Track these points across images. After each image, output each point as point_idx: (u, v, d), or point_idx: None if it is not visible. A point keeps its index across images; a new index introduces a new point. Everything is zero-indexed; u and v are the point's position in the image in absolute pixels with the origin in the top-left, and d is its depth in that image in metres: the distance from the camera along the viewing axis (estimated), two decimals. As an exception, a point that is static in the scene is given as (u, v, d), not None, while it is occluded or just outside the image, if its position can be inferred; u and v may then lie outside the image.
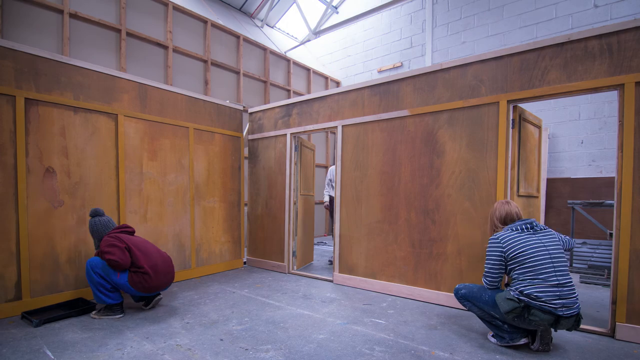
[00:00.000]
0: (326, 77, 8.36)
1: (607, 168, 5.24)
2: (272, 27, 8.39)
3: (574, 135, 5.50)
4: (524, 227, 2.22)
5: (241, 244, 4.71)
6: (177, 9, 5.42)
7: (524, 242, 2.14)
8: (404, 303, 3.17)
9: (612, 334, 2.42)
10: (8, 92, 2.75)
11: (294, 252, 4.39)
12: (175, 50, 5.37)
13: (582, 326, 2.55)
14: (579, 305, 2.06)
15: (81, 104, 3.14)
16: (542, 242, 2.14)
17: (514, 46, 2.83)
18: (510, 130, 2.85)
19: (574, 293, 2.06)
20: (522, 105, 5.69)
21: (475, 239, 2.96)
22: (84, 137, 3.18)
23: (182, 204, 3.96)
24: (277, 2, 7.92)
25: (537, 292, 2.03)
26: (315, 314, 2.87)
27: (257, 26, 7.81)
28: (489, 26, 6.32)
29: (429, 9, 7.07)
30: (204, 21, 5.80)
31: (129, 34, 4.83)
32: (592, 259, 4.49)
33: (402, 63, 7.50)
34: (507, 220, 2.35)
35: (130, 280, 2.68)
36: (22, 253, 2.81)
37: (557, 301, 2.01)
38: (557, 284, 2.03)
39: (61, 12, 4.27)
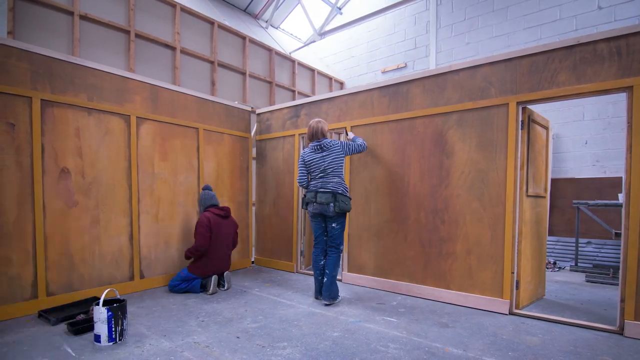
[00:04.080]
0: (330, 78, 8.40)
1: (611, 168, 5.29)
2: (277, 28, 8.43)
3: (578, 135, 5.54)
4: (316, 147, 3.17)
5: (249, 243, 4.75)
6: (185, 10, 5.46)
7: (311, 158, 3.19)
8: (414, 302, 3.22)
9: (621, 331, 2.46)
10: (24, 94, 2.79)
11: (302, 252, 4.43)
12: (182, 52, 5.41)
13: (591, 324, 2.59)
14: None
15: (95, 105, 3.18)
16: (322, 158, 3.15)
17: (524, 48, 2.87)
18: (520, 131, 2.89)
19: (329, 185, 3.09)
20: (529, 106, 5.73)
21: (485, 238, 3.00)
22: (98, 138, 3.22)
23: (192, 204, 4.00)
24: (282, 3, 7.96)
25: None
26: (327, 312, 2.91)
27: (262, 27, 7.85)
28: (493, 27, 6.37)
29: (433, 10, 7.11)
30: (211, 22, 5.84)
31: (137, 36, 4.87)
32: (597, 258, 4.53)
33: (406, 64, 7.54)
34: (311, 137, 3.25)
35: (190, 268, 3.48)
36: (38, 253, 2.85)
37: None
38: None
39: (71, 13, 4.30)
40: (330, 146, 3.16)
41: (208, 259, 3.49)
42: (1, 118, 2.67)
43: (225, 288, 3.57)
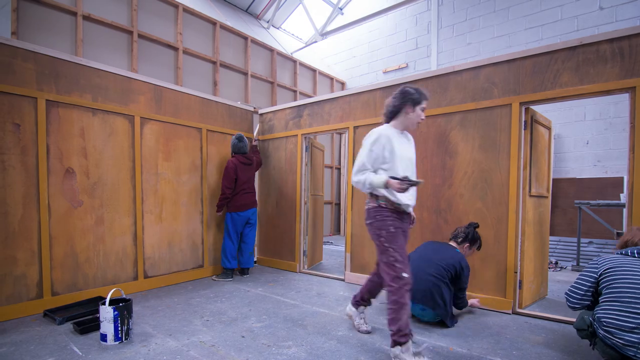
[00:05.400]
0: (331, 78, 8.42)
1: (612, 168, 5.30)
2: (278, 28, 8.44)
3: (580, 135, 5.56)
4: (635, 252, 1.83)
5: (252, 243, 4.75)
6: (187, 10, 5.48)
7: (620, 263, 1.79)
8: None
9: (623, 330, 2.48)
10: (30, 94, 2.80)
11: (304, 252, 4.45)
12: (185, 52, 5.43)
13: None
14: None
15: (99, 106, 3.19)
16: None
17: (527, 49, 2.88)
18: (522, 131, 2.91)
19: None
20: (532, 107, 5.75)
21: (488, 238, 3.02)
22: (102, 138, 3.23)
23: (195, 204, 4.02)
24: (283, 3, 7.97)
25: (608, 317, 1.61)
26: (331, 312, 2.93)
27: (264, 27, 7.87)
28: (495, 28, 6.38)
29: (434, 10, 7.13)
30: (213, 23, 5.86)
31: (140, 36, 4.89)
32: (599, 258, 4.55)
33: (407, 64, 7.56)
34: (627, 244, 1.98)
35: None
36: (44, 252, 2.86)
37: (630, 335, 1.52)
38: None
39: (74, 14, 4.32)
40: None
41: (240, 196, 4.01)
42: (7, 118, 2.69)
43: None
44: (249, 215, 4.10)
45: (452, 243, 2.86)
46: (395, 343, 1.99)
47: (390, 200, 2.10)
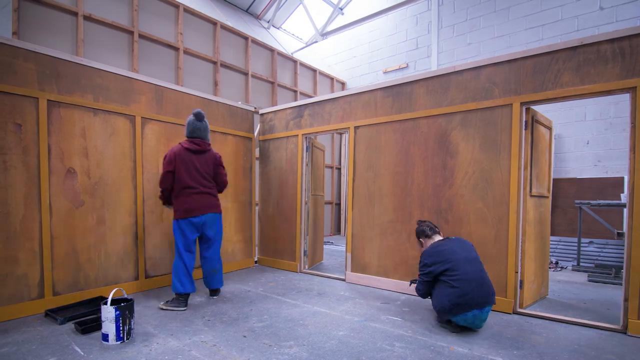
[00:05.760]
0: (332, 78, 8.42)
1: (612, 168, 5.31)
2: (279, 28, 8.45)
3: (580, 135, 5.56)
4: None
5: (252, 243, 4.76)
6: (188, 11, 5.48)
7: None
8: (417, 301, 3.23)
9: (624, 330, 2.48)
10: (31, 94, 2.80)
11: (305, 252, 4.45)
12: (185, 52, 5.43)
13: (594, 323, 2.61)
14: None
15: (101, 106, 3.20)
16: None
17: (528, 49, 2.89)
18: (523, 131, 2.91)
19: None
20: (533, 107, 5.76)
21: (489, 238, 3.02)
22: (104, 138, 3.23)
23: (196, 204, 4.01)
24: (284, 3, 7.98)
25: None
26: (332, 312, 2.93)
27: (264, 27, 7.87)
28: (495, 28, 6.39)
29: (434, 10, 7.13)
30: (214, 23, 5.86)
31: (141, 36, 4.89)
32: (599, 258, 4.56)
33: (407, 64, 7.56)
34: None
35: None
36: (45, 252, 2.86)
37: None
38: None
39: (75, 14, 4.32)
40: None
41: (184, 198, 3.00)
42: (8, 118, 2.69)
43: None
44: (205, 223, 3.08)
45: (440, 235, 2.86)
46: None
47: None
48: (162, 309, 2.94)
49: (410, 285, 3.01)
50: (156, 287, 3.59)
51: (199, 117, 3.10)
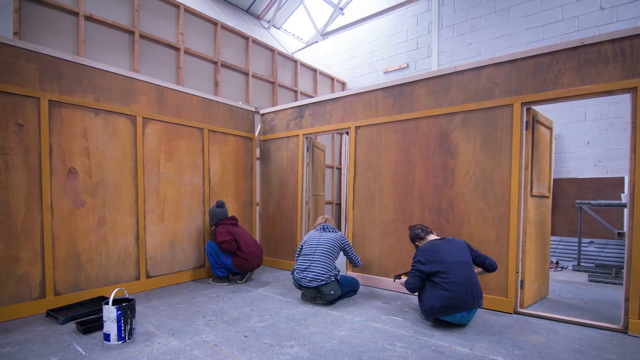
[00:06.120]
0: (332, 78, 8.42)
1: (613, 168, 5.31)
2: (279, 29, 8.45)
3: (580, 135, 5.56)
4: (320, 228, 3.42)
5: (253, 243, 4.76)
6: (188, 11, 5.48)
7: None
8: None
9: (625, 330, 2.49)
10: (33, 94, 2.81)
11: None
12: (186, 52, 5.42)
13: (595, 322, 2.62)
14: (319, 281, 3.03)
15: (102, 106, 3.20)
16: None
17: (528, 50, 2.89)
18: (524, 131, 2.92)
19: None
20: (534, 107, 5.77)
21: (490, 238, 3.02)
22: (105, 138, 3.24)
23: (197, 204, 4.02)
24: (284, 3, 7.97)
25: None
26: (333, 312, 2.93)
27: (264, 27, 7.87)
28: (495, 28, 6.39)
29: (435, 10, 7.13)
30: (214, 23, 5.86)
31: (141, 36, 4.89)
32: (600, 258, 4.56)
33: (408, 64, 7.56)
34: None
35: (233, 262, 3.70)
36: (46, 252, 2.87)
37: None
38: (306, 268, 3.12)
39: (76, 14, 4.32)
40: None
41: (245, 256, 3.74)
42: (10, 119, 2.69)
43: (244, 281, 3.92)
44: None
45: (435, 234, 2.92)
46: None
47: None
48: (211, 283, 3.81)
49: (394, 280, 3.08)
50: (157, 286, 3.60)
51: (221, 205, 3.89)
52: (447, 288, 2.47)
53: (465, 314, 2.51)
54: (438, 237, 2.81)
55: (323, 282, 3.05)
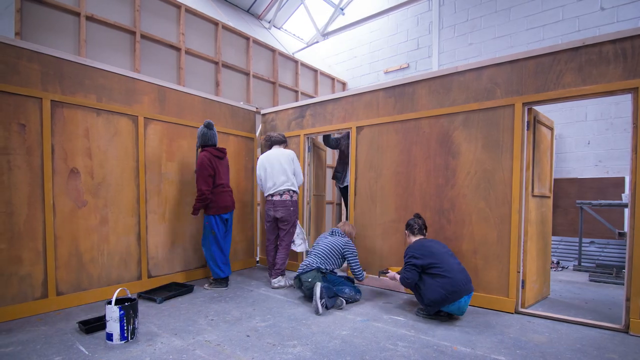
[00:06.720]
0: (333, 78, 8.42)
1: (613, 169, 5.32)
2: (280, 29, 8.45)
3: (581, 136, 5.57)
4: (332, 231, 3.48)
5: (254, 243, 4.77)
6: (190, 11, 5.48)
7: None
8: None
9: (626, 329, 2.49)
10: (35, 95, 2.81)
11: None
12: (187, 52, 5.43)
13: (596, 322, 2.62)
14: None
15: (104, 106, 3.21)
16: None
17: (530, 50, 2.90)
18: (525, 132, 2.92)
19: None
20: (535, 107, 5.77)
21: (491, 238, 3.03)
22: (107, 139, 3.24)
23: (198, 204, 4.02)
24: (285, 3, 7.98)
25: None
26: (335, 312, 2.94)
27: (265, 27, 7.88)
28: (496, 28, 6.39)
29: (435, 10, 7.14)
30: (215, 23, 5.86)
31: (143, 36, 4.89)
32: (601, 258, 4.56)
33: (408, 64, 7.57)
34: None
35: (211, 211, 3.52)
36: (49, 252, 2.87)
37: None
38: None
39: (78, 14, 4.32)
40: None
41: (220, 197, 3.54)
42: (12, 119, 2.70)
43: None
44: (229, 218, 3.69)
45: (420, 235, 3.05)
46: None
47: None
48: (207, 289, 3.57)
49: (379, 277, 3.26)
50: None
51: (210, 126, 3.54)
52: (447, 276, 2.63)
53: (466, 297, 2.65)
54: (422, 237, 3.02)
55: (302, 271, 3.16)
